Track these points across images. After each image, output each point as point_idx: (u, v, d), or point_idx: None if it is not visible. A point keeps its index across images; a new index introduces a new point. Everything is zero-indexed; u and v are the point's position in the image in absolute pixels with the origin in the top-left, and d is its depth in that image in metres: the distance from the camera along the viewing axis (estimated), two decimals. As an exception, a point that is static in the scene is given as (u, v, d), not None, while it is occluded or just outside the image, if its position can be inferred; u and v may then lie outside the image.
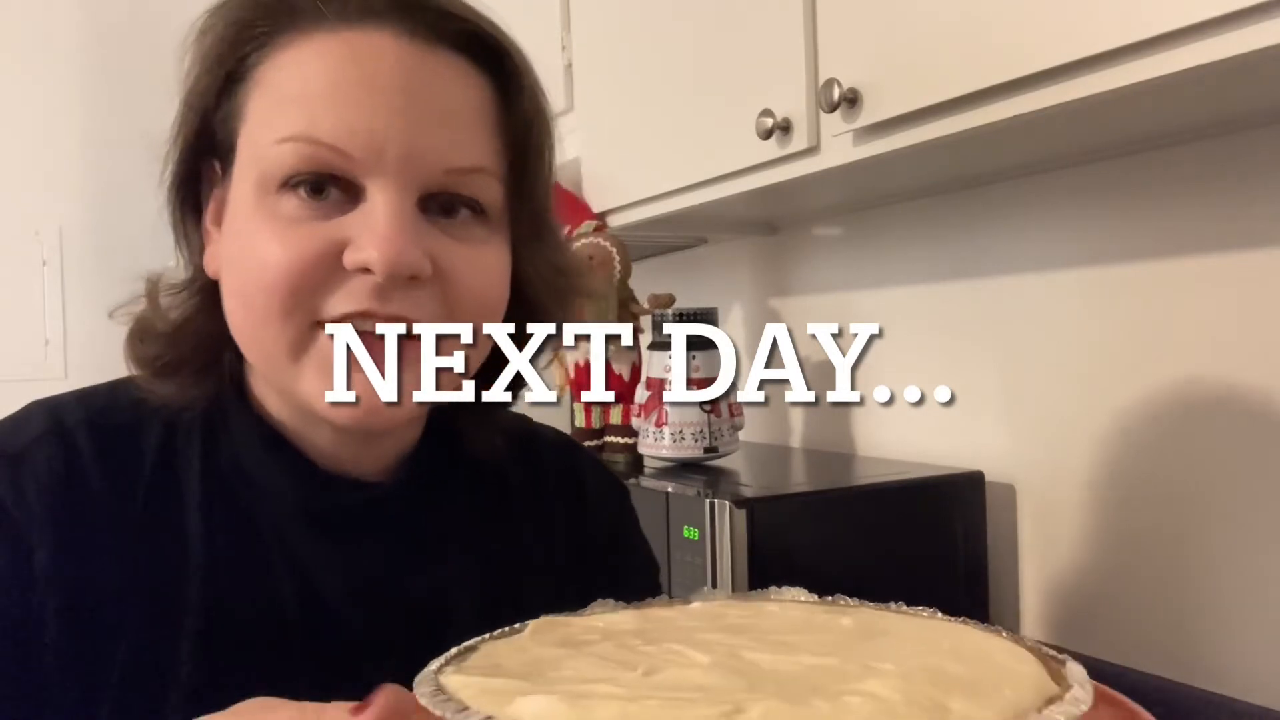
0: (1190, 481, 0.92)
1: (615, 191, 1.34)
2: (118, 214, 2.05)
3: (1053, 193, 1.05)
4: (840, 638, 0.41)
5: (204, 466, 0.55)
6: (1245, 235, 0.87)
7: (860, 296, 1.34)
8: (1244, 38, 0.60)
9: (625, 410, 1.34)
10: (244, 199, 0.51)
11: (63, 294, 2.13)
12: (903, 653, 0.38)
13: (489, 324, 0.55)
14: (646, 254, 1.74)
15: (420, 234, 0.50)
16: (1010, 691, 0.33)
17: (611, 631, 0.42)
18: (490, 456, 0.64)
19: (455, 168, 0.51)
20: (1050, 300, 1.06)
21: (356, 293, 0.48)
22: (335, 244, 0.48)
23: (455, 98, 0.52)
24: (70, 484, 0.52)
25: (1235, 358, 0.89)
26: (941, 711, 0.31)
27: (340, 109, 0.48)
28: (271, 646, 0.53)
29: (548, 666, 0.37)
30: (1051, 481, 1.06)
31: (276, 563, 0.54)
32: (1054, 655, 0.38)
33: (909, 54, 0.83)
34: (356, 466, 0.57)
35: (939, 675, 0.34)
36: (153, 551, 0.52)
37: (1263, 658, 0.87)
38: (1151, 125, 0.88)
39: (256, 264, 0.49)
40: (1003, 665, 0.37)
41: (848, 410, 1.37)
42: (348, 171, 0.49)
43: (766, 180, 1.04)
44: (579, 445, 0.76)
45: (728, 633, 0.41)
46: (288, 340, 0.49)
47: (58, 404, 0.55)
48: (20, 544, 0.49)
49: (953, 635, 0.42)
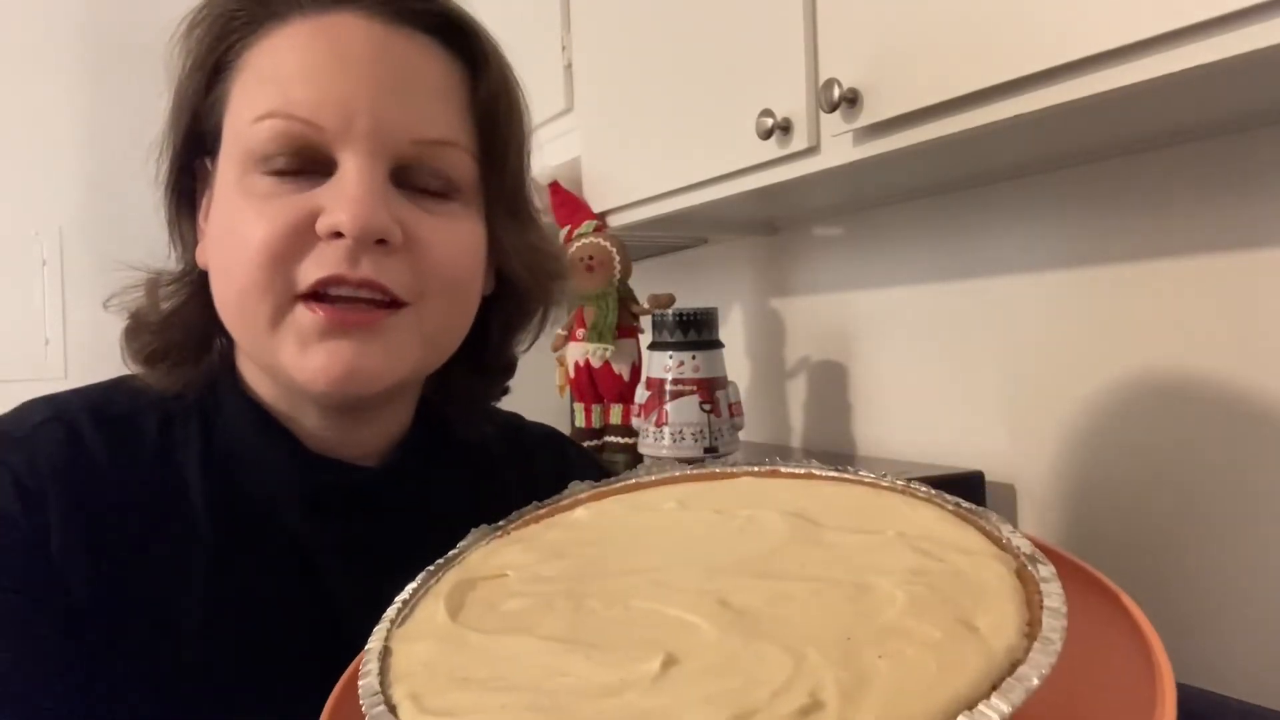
0: (1190, 481, 0.92)
1: (615, 191, 1.34)
2: (118, 214, 2.05)
3: (1053, 193, 1.05)
4: (793, 548, 0.42)
5: (203, 450, 0.57)
6: (1248, 235, 0.87)
7: (860, 296, 1.35)
8: (1244, 38, 0.60)
9: (625, 410, 1.34)
10: (227, 180, 0.53)
11: (63, 294, 2.13)
12: (875, 561, 0.39)
13: (465, 297, 0.57)
14: (646, 254, 1.75)
15: (390, 202, 0.51)
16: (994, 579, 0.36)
17: (553, 592, 0.42)
18: (478, 440, 0.66)
19: (424, 138, 0.53)
20: (1050, 300, 1.06)
21: (328, 258, 0.50)
22: (309, 214, 0.50)
23: (424, 74, 0.54)
24: (77, 463, 0.53)
25: (1237, 358, 0.89)
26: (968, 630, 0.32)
27: (312, 84, 0.50)
28: (274, 621, 0.54)
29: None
30: (1051, 481, 1.06)
31: (277, 541, 0.56)
32: (970, 509, 0.42)
33: (909, 54, 0.83)
34: (347, 450, 0.59)
35: (936, 584, 0.36)
36: (160, 529, 0.54)
37: (1263, 658, 0.87)
38: (1152, 125, 0.88)
39: (237, 240, 0.51)
40: (951, 540, 0.40)
41: (848, 410, 1.37)
42: (321, 144, 0.51)
43: (766, 180, 1.04)
44: (566, 436, 0.78)
45: (704, 574, 0.41)
46: (267, 312, 0.51)
47: (56, 397, 0.57)
48: (37, 512, 0.51)
49: (890, 515, 0.44)
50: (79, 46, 2.18)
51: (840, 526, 0.43)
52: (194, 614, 0.52)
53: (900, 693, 0.29)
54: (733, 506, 0.48)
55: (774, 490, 0.49)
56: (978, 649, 0.31)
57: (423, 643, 0.39)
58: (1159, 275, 0.95)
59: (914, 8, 0.82)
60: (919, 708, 0.28)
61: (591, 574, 0.43)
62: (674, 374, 1.19)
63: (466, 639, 0.39)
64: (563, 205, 1.39)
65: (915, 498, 0.45)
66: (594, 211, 1.38)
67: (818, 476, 0.50)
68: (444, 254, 0.54)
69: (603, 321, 1.34)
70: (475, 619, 0.41)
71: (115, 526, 0.52)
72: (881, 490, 0.47)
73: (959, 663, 0.30)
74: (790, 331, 1.50)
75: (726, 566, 0.41)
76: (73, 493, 0.52)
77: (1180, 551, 0.93)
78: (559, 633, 0.37)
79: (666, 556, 0.43)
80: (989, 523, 0.41)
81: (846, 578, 0.38)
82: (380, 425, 0.60)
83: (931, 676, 0.30)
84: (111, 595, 0.51)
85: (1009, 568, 0.37)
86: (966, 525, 0.41)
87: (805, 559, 0.40)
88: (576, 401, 1.40)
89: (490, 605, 0.42)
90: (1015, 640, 0.32)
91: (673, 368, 1.19)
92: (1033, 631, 0.32)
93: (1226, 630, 0.90)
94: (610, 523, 0.50)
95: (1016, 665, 0.30)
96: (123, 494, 0.53)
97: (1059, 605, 0.33)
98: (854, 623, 0.34)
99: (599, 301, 1.35)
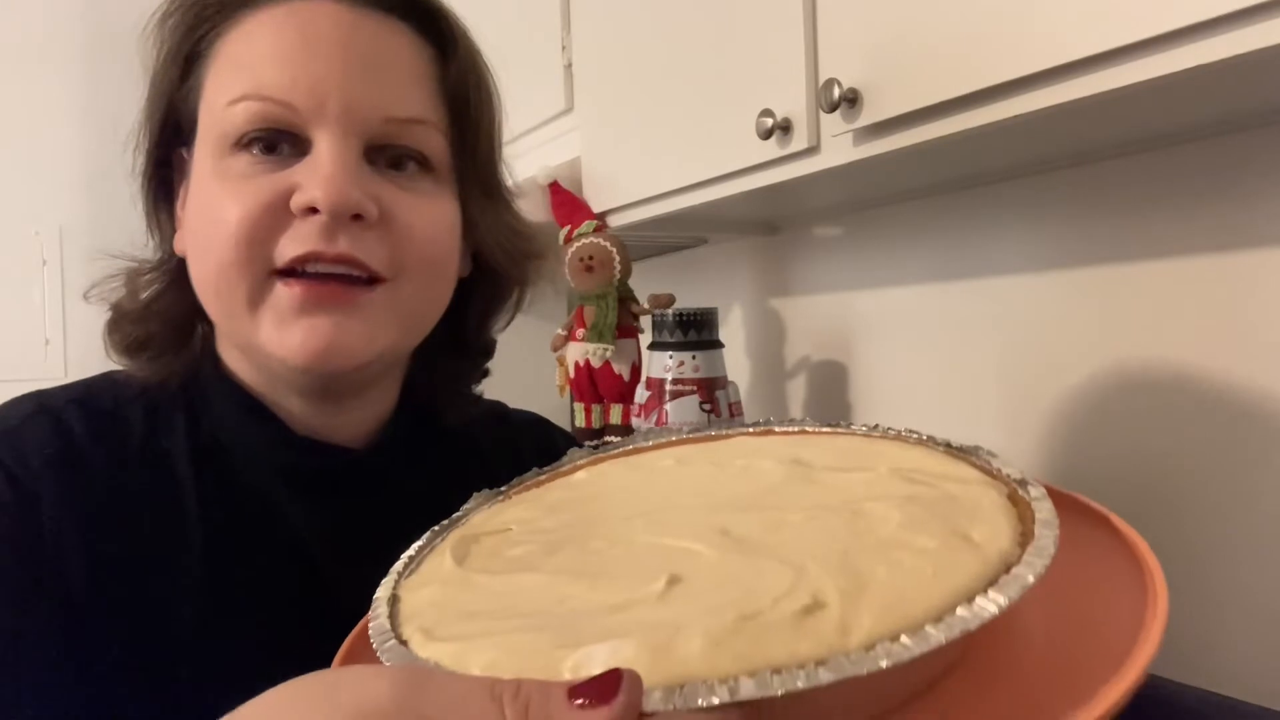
0: (1190, 481, 0.92)
1: (615, 191, 1.34)
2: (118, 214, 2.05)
3: (1053, 193, 1.05)
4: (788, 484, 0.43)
5: (190, 437, 0.57)
6: (1249, 234, 0.87)
7: (860, 296, 1.35)
8: (1244, 38, 0.60)
9: (625, 410, 1.34)
10: (203, 165, 0.53)
11: (63, 294, 2.13)
12: (870, 492, 0.39)
13: (441, 273, 0.58)
14: (646, 254, 1.75)
15: (365, 179, 0.52)
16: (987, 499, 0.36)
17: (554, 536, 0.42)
18: (464, 425, 0.67)
19: (395, 116, 0.54)
20: (1050, 300, 1.06)
21: (304, 235, 0.50)
22: (284, 193, 0.51)
23: (394, 55, 0.55)
24: (66, 454, 0.54)
25: (1237, 358, 0.89)
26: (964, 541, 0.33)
27: (284, 66, 0.51)
28: (267, 603, 0.55)
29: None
30: (1050, 481, 1.06)
31: (267, 525, 0.57)
32: (961, 447, 0.44)
33: (909, 54, 0.83)
34: (332, 434, 0.59)
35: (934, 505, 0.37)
36: (151, 517, 0.54)
37: (1263, 658, 0.87)
38: (1152, 125, 0.88)
39: (214, 220, 0.51)
40: (946, 473, 0.40)
41: (848, 410, 1.37)
42: (294, 124, 0.51)
43: (766, 180, 1.04)
44: (550, 422, 0.79)
45: (704, 511, 0.42)
46: (245, 291, 0.51)
47: (42, 392, 0.58)
48: (30, 502, 0.51)
49: (883, 456, 0.45)
50: (79, 46, 2.18)
51: (834, 467, 0.44)
52: (187, 598, 0.53)
53: (899, 592, 0.30)
54: (728, 459, 0.49)
55: (769, 444, 0.50)
56: (973, 555, 0.32)
57: (430, 588, 0.40)
58: (1159, 275, 0.95)
59: (914, 8, 0.82)
60: (919, 604, 0.29)
61: (595, 521, 0.43)
62: (674, 374, 1.19)
63: (473, 580, 0.39)
64: (563, 205, 1.39)
65: (906, 442, 0.47)
66: (594, 211, 1.38)
67: (810, 432, 0.52)
68: (420, 229, 0.54)
69: (603, 321, 1.34)
70: (481, 564, 0.41)
71: (107, 515, 0.53)
72: (874, 438, 0.49)
73: (955, 566, 0.31)
74: (790, 331, 1.50)
75: (725, 504, 0.42)
76: (64, 483, 0.52)
77: (1179, 550, 0.93)
78: (565, 568, 0.38)
79: (666, 500, 0.44)
80: (979, 458, 0.43)
81: (843, 505, 0.38)
82: (364, 410, 0.60)
83: (928, 578, 0.30)
84: (105, 583, 0.51)
85: (1001, 493, 0.38)
86: (958, 460, 0.42)
87: (801, 494, 0.41)
88: (576, 401, 1.40)
89: (495, 553, 0.42)
90: (1009, 548, 0.32)
91: (673, 368, 1.19)
92: (1025, 541, 0.33)
93: (1226, 629, 0.90)
94: (610, 480, 0.50)
95: (1011, 568, 0.31)
96: (112, 483, 0.54)
97: (1050, 518, 0.34)
98: (851, 540, 0.35)
99: (599, 301, 1.35)
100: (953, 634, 0.28)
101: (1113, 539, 0.39)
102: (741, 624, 0.29)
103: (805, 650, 0.27)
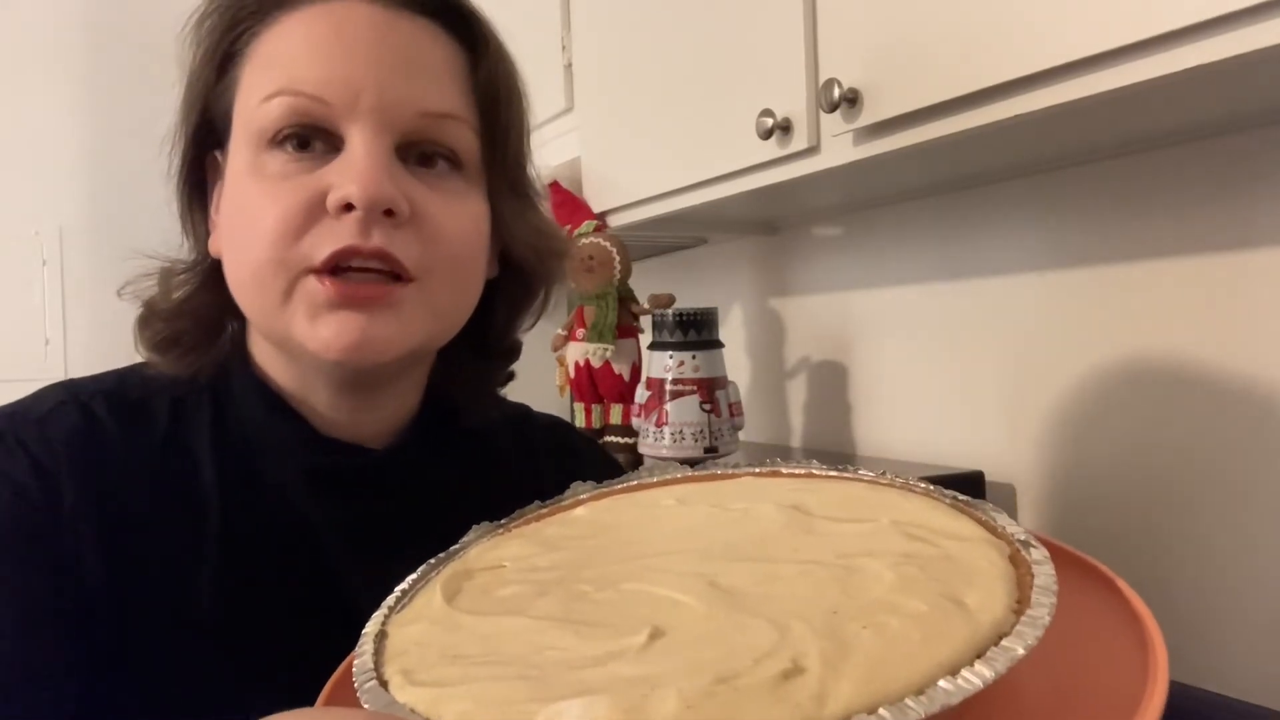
0: (1190, 480, 0.92)
1: (615, 191, 1.35)
2: (118, 213, 2.05)
3: (1053, 193, 1.05)
4: (787, 535, 0.43)
5: (213, 431, 0.58)
6: (1249, 234, 0.87)
7: (860, 296, 1.35)
8: (1244, 38, 0.60)
9: (625, 410, 1.34)
10: (238, 163, 0.54)
11: (63, 294, 2.13)
12: (867, 546, 0.39)
13: (471, 271, 0.58)
14: (646, 254, 1.75)
15: (397, 176, 0.53)
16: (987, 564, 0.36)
17: (547, 578, 0.43)
18: (485, 427, 0.68)
19: (428, 111, 0.54)
20: (1050, 300, 1.06)
21: (339, 231, 0.51)
22: (319, 192, 0.51)
23: (426, 54, 0.56)
24: (91, 442, 0.54)
25: (1237, 358, 0.89)
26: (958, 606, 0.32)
27: (317, 63, 0.52)
28: (283, 601, 0.56)
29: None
30: (1051, 481, 1.07)
31: (286, 522, 0.57)
32: (967, 501, 0.43)
33: (909, 54, 0.83)
34: (355, 432, 0.60)
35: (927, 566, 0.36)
36: (171, 508, 0.55)
37: (1263, 658, 0.87)
38: (1152, 125, 0.88)
39: (251, 220, 0.52)
40: (946, 529, 0.40)
41: (848, 410, 1.37)
42: (328, 120, 0.52)
43: (766, 180, 1.04)
44: (572, 425, 0.79)
45: (695, 559, 0.42)
46: (280, 287, 0.52)
47: (72, 382, 0.59)
48: (53, 488, 0.52)
49: (884, 506, 0.44)
50: (80, 46, 2.17)
51: (834, 517, 0.44)
52: (204, 592, 0.53)
53: (883, 660, 0.29)
54: (729, 501, 0.49)
55: (772, 487, 0.50)
56: (964, 622, 0.31)
57: (418, 625, 0.40)
58: (1158, 275, 0.95)
59: (914, 8, 0.82)
60: (901, 674, 0.29)
61: (586, 563, 0.43)
62: (674, 374, 1.19)
63: (460, 621, 0.39)
64: (563, 205, 1.39)
65: (912, 492, 0.46)
66: (594, 211, 1.38)
67: (817, 475, 0.51)
68: (450, 228, 0.55)
69: (603, 321, 1.34)
70: (469, 604, 0.41)
71: (128, 505, 0.53)
72: (879, 486, 0.48)
73: (943, 634, 0.30)
74: (790, 331, 1.50)
75: (718, 552, 0.41)
76: (87, 471, 0.53)
77: (1180, 550, 0.93)
78: (550, 613, 0.38)
79: (660, 545, 0.44)
80: (984, 513, 0.42)
81: (836, 560, 0.38)
82: (388, 408, 0.61)
83: (915, 646, 0.30)
84: (124, 572, 0.52)
85: (1002, 553, 0.37)
86: (961, 515, 0.42)
87: (797, 545, 0.41)
88: (576, 401, 1.40)
89: (485, 591, 0.42)
90: (1002, 615, 0.32)
91: (673, 368, 1.19)
92: (1021, 609, 0.32)
93: (1226, 629, 0.90)
94: (608, 518, 0.50)
95: (1003, 638, 0.30)
96: (136, 474, 0.54)
97: (1049, 584, 0.33)
98: (841, 599, 0.34)
99: (599, 301, 1.35)
100: (933, 709, 0.27)
101: (1115, 600, 0.38)
102: (717, 687, 0.29)
103: (779, 719, 0.27)
